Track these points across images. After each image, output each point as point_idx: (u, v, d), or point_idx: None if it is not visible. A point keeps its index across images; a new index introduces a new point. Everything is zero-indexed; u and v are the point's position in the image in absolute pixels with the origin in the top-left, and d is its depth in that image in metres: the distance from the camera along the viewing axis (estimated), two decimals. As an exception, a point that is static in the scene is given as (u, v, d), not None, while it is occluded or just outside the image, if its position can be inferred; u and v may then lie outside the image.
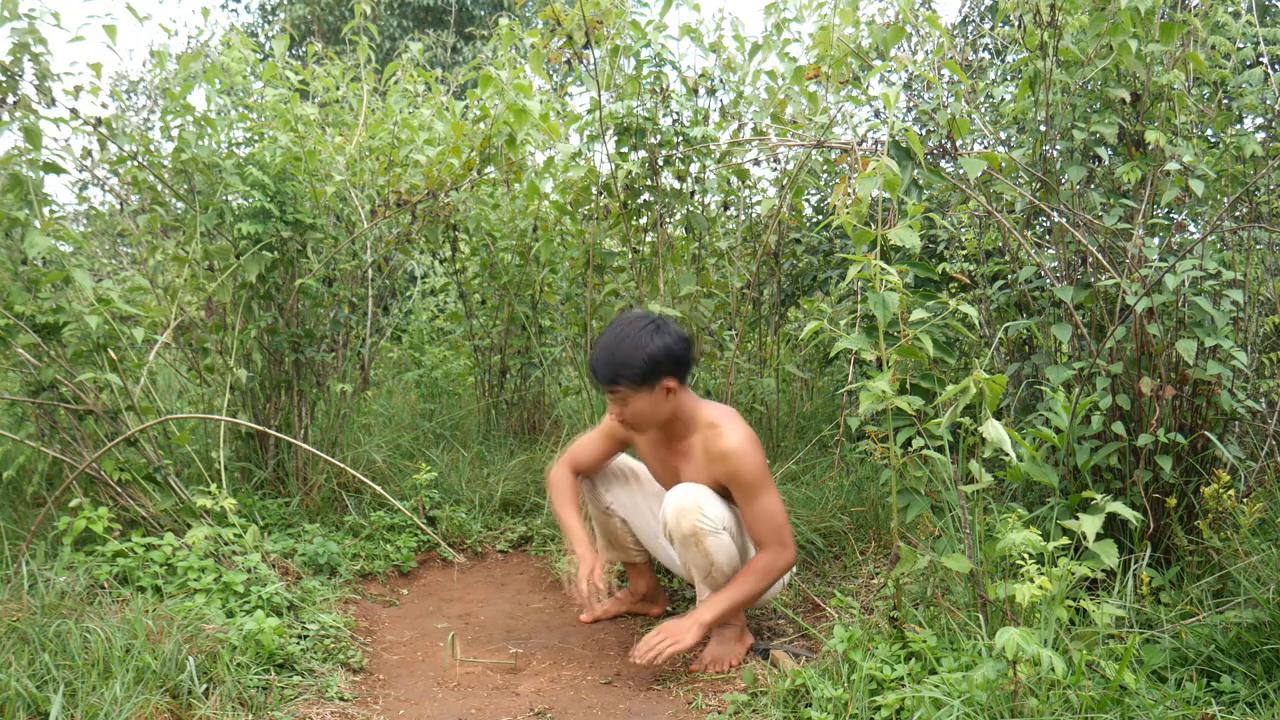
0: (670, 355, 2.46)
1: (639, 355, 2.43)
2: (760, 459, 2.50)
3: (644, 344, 2.44)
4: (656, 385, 2.47)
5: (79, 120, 2.90)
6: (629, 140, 3.49)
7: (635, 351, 2.44)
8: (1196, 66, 2.68)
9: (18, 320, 2.71)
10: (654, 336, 2.45)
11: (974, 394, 1.95)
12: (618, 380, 2.46)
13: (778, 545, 2.48)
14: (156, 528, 2.89)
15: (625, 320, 2.53)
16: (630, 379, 2.45)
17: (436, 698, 2.46)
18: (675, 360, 2.47)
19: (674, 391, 2.50)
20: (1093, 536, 1.91)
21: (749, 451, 2.48)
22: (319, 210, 3.50)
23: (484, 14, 13.33)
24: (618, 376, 2.45)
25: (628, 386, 2.46)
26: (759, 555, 2.50)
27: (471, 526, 3.62)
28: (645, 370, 2.44)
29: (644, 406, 2.49)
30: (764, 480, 2.48)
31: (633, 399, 2.48)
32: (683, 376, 2.52)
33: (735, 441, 2.49)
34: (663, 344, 2.46)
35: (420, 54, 4.05)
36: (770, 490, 2.50)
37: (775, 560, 2.48)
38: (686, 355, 2.51)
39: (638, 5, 3.58)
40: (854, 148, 2.80)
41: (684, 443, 2.62)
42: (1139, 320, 2.52)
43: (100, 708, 1.99)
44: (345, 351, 3.84)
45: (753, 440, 2.52)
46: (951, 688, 1.93)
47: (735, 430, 2.52)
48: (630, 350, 2.44)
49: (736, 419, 2.57)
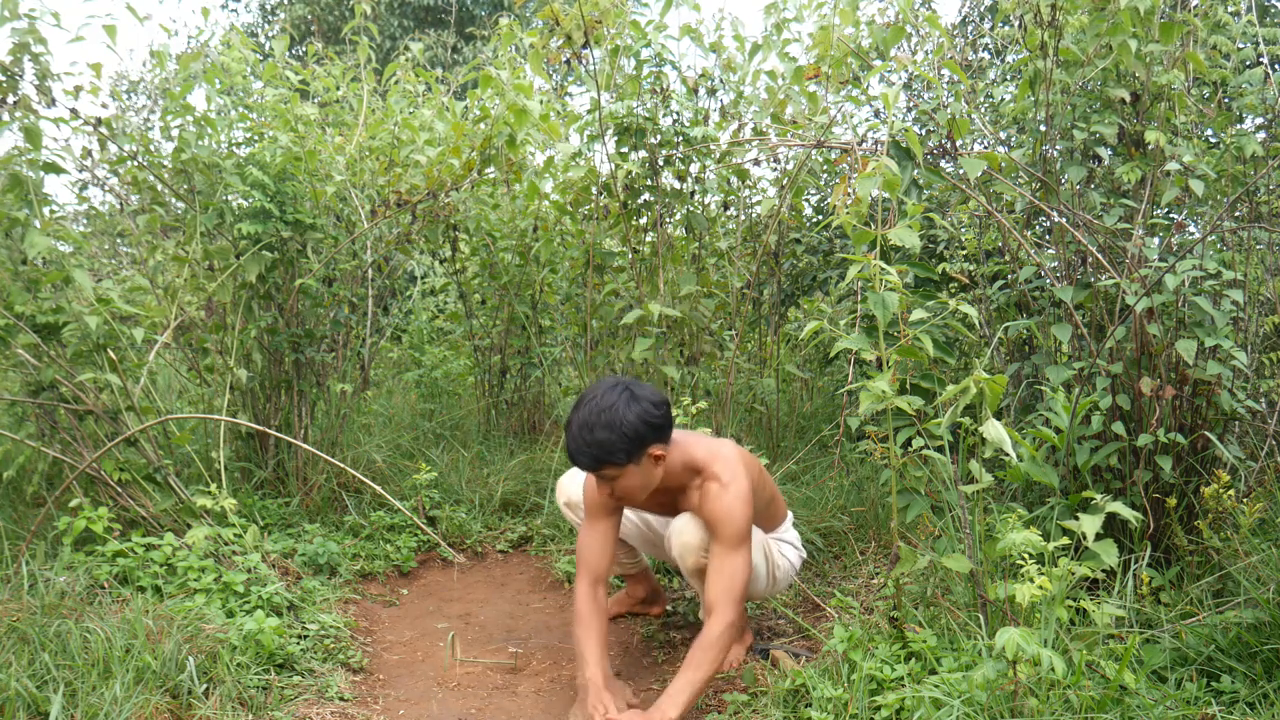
0: (650, 424, 2.28)
1: (618, 433, 2.24)
2: (744, 513, 2.33)
3: (620, 419, 2.25)
4: (643, 458, 2.30)
5: (79, 120, 2.90)
6: (629, 140, 3.49)
7: (613, 430, 2.24)
8: (1196, 66, 2.68)
9: (18, 320, 2.71)
10: (629, 407, 2.26)
11: (974, 394, 1.95)
12: (601, 465, 2.28)
13: (728, 608, 2.26)
14: (156, 528, 2.89)
15: (595, 394, 2.32)
16: (615, 461, 2.27)
17: (436, 698, 2.46)
18: (656, 428, 2.30)
19: (661, 458, 2.34)
20: (1093, 536, 1.91)
21: (732, 504, 2.32)
22: (319, 210, 3.50)
23: (484, 14, 13.33)
24: (600, 461, 2.27)
25: (614, 468, 2.29)
26: (707, 626, 2.27)
27: (471, 526, 3.62)
28: (629, 447, 2.26)
29: (634, 481, 2.33)
30: (742, 536, 2.32)
31: (622, 476, 2.31)
32: (667, 439, 2.35)
33: (721, 498, 2.34)
34: (640, 413, 2.26)
35: (420, 54, 4.05)
36: (743, 552, 2.31)
37: (720, 626, 2.25)
38: (666, 418, 2.33)
39: (638, 5, 3.58)
40: (854, 148, 2.81)
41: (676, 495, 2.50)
42: (1139, 320, 2.52)
43: (100, 708, 1.99)
44: (345, 351, 3.84)
45: (743, 495, 2.34)
46: (951, 688, 1.93)
47: (732, 482, 2.35)
48: (608, 430, 2.24)
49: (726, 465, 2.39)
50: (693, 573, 2.47)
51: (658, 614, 2.96)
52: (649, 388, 2.34)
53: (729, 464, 2.38)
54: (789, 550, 2.69)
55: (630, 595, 3.00)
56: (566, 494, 2.80)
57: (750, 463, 2.49)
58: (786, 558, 2.66)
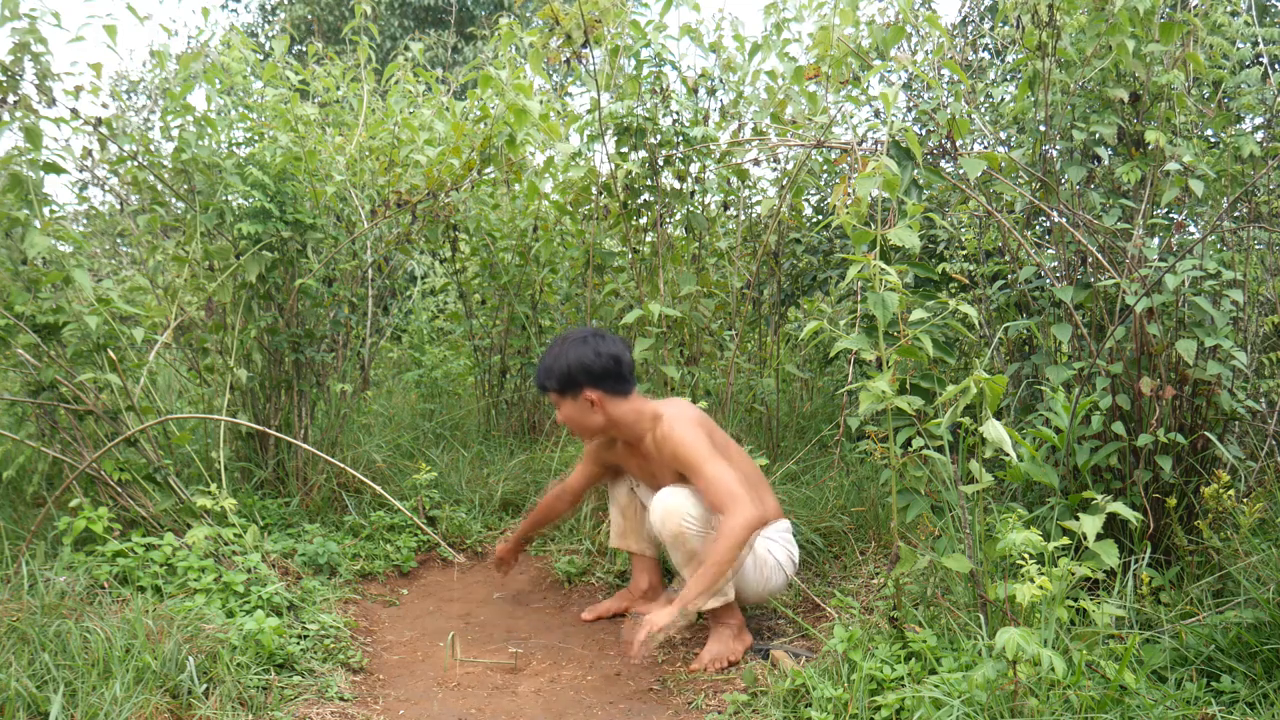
0: (584, 368, 2.57)
1: (558, 366, 2.59)
2: (696, 435, 2.52)
3: (564, 356, 2.58)
4: (579, 396, 2.60)
5: (79, 120, 2.90)
6: (629, 140, 3.49)
7: (555, 362, 2.60)
8: (1196, 66, 2.68)
9: (18, 320, 2.71)
10: (576, 349, 2.58)
11: (974, 394, 1.95)
12: (544, 387, 2.65)
13: (733, 505, 2.42)
14: (156, 528, 2.89)
15: (570, 332, 2.67)
16: (552, 388, 2.62)
17: (436, 698, 2.46)
18: (589, 374, 2.57)
19: (598, 404, 2.61)
20: (1093, 536, 1.91)
21: (684, 431, 2.53)
22: (319, 210, 3.50)
23: (484, 14, 13.33)
24: (542, 384, 2.65)
25: (554, 394, 2.63)
26: (723, 521, 2.45)
27: (471, 526, 3.62)
28: (562, 381, 2.59)
29: (571, 414, 2.64)
30: (702, 454, 2.50)
31: (561, 406, 2.65)
32: (608, 389, 2.60)
33: (670, 428, 2.57)
34: (578, 357, 2.57)
35: (421, 54, 4.05)
36: (710, 463, 2.49)
37: (734, 519, 2.41)
38: (605, 370, 2.57)
39: (638, 5, 3.58)
40: (854, 148, 2.81)
41: (642, 445, 2.70)
42: (1139, 320, 2.52)
43: (100, 708, 1.99)
44: (345, 351, 3.84)
45: (689, 420, 2.57)
46: (951, 688, 1.93)
47: (673, 417, 2.59)
48: (553, 361, 2.61)
49: (678, 405, 2.66)
50: (675, 539, 2.56)
51: (658, 614, 2.97)
52: (613, 342, 2.61)
53: (679, 406, 2.67)
54: (776, 547, 2.68)
55: (632, 589, 3.01)
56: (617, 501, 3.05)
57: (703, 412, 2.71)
58: (774, 555, 2.67)
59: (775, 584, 2.69)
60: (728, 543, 2.41)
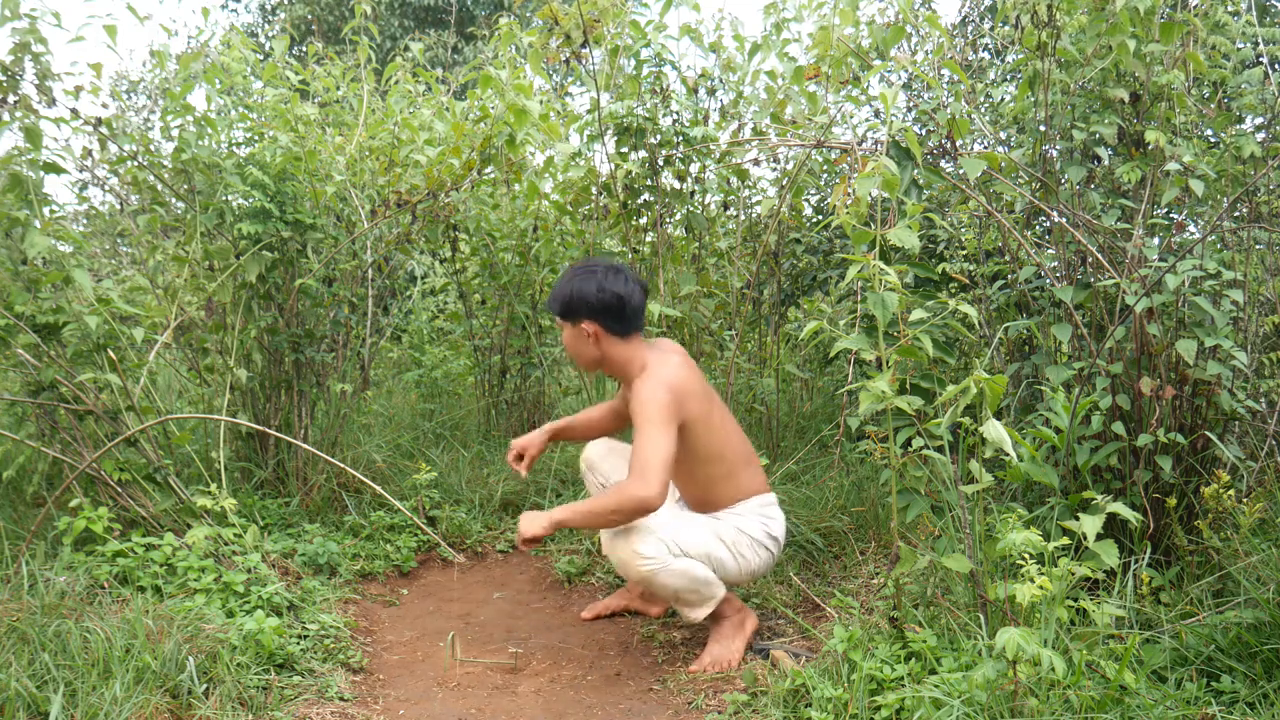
0: (584, 300, 2.57)
1: (563, 292, 2.61)
2: (656, 396, 2.47)
3: (571, 283, 2.59)
4: (577, 324, 2.61)
5: (79, 120, 2.90)
6: (629, 140, 3.49)
7: (562, 288, 2.61)
8: (1196, 66, 2.68)
9: (18, 320, 2.71)
10: (583, 280, 2.58)
11: (974, 394, 1.95)
12: (550, 310, 2.67)
13: (639, 478, 2.39)
14: (156, 528, 2.89)
15: (590, 261, 2.68)
16: (555, 311, 2.64)
17: (436, 698, 2.46)
18: (589, 307, 2.57)
19: (595, 337, 2.60)
20: (1093, 536, 1.91)
21: (647, 390, 2.49)
22: (319, 210, 3.50)
23: (484, 14, 13.33)
24: (550, 306, 2.66)
25: (558, 318, 2.65)
26: (624, 482, 2.43)
27: (471, 526, 3.62)
28: (564, 307, 2.61)
29: (569, 340, 2.66)
30: (652, 417, 2.44)
31: (563, 331, 2.66)
32: (606, 325, 2.58)
33: (640, 383, 2.54)
34: (582, 288, 2.57)
35: (420, 54, 4.05)
36: (653, 429, 2.43)
37: (630, 489, 2.38)
38: (605, 306, 2.56)
39: (638, 5, 3.58)
40: (854, 148, 2.81)
41: (630, 390, 2.66)
42: (1139, 320, 2.52)
43: (100, 708, 1.99)
44: (345, 351, 3.84)
45: (659, 380, 2.51)
46: (951, 688, 1.93)
47: (649, 374, 2.55)
48: (562, 286, 2.62)
49: (664, 358, 2.61)
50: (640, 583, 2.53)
51: (657, 614, 2.96)
52: (623, 282, 2.59)
53: (664, 360, 2.61)
54: (751, 523, 2.64)
55: (631, 587, 3.00)
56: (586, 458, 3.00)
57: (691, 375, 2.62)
58: (747, 533, 2.62)
59: (756, 565, 2.64)
60: (613, 502, 2.40)
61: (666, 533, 2.50)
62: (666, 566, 2.48)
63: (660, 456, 2.40)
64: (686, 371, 2.60)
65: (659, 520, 2.51)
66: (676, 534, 2.51)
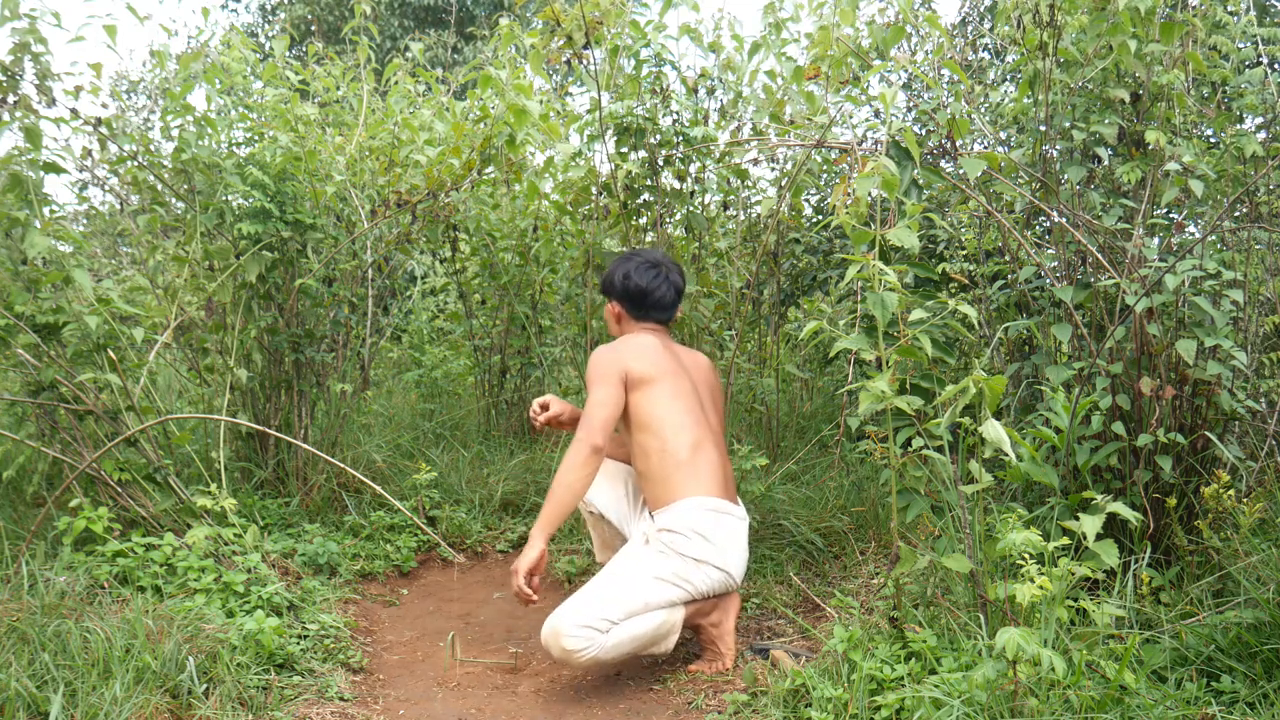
0: (612, 281, 2.79)
1: (609, 270, 2.82)
2: (601, 359, 2.61)
3: (615, 265, 2.81)
4: (610, 301, 2.83)
5: (79, 120, 2.90)
6: (629, 140, 3.49)
7: (609, 267, 2.84)
8: (1196, 66, 2.68)
9: (18, 320, 2.71)
10: (623, 263, 2.79)
11: (974, 394, 1.95)
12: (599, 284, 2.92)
13: (583, 428, 2.53)
14: (156, 528, 2.89)
15: (644, 251, 2.87)
16: (601, 285, 2.87)
17: (437, 698, 2.46)
18: (621, 288, 2.77)
19: (617, 317, 2.82)
20: (1093, 536, 1.91)
21: (597, 355, 2.63)
22: (319, 210, 3.50)
23: (484, 14, 13.33)
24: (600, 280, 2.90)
25: (601, 291, 2.87)
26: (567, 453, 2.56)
27: (471, 526, 3.62)
28: (603, 284, 2.84)
29: (607, 314, 2.87)
30: (595, 379, 2.59)
31: (606, 305, 2.86)
32: (626, 308, 2.79)
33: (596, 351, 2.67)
34: (622, 270, 2.77)
35: (420, 54, 4.05)
36: (594, 388, 2.58)
37: (573, 454, 2.51)
38: (625, 291, 2.76)
39: (637, 5, 3.58)
40: (853, 148, 2.81)
41: None
42: (1139, 320, 2.52)
43: (100, 708, 1.99)
44: (345, 351, 3.84)
45: (609, 347, 2.65)
46: (951, 688, 1.93)
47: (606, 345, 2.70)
48: (609, 265, 2.85)
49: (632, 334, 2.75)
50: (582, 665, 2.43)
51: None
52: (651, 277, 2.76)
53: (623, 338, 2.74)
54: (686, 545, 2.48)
55: None
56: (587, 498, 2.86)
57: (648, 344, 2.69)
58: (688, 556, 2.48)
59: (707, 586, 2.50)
60: (562, 477, 2.52)
61: (590, 612, 2.37)
62: (603, 645, 2.38)
63: (600, 412, 2.55)
64: (648, 340, 2.71)
65: (580, 600, 2.40)
66: (602, 607, 2.39)
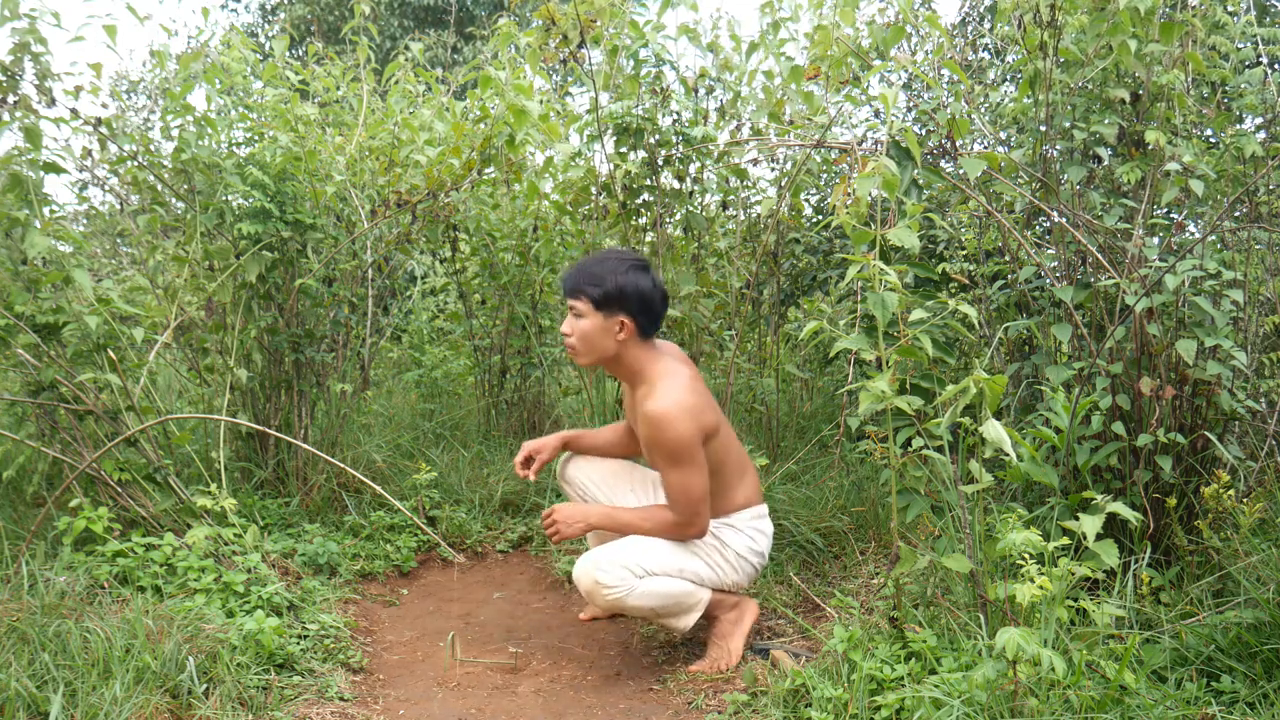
0: (638, 294, 2.45)
1: (610, 278, 2.44)
2: (683, 430, 2.36)
3: (619, 272, 2.45)
4: (612, 316, 2.46)
5: (79, 120, 2.90)
6: (628, 140, 3.49)
7: (608, 274, 2.45)
8: (1196, 66, 2.68)
9: (18, 320, 2.71)
10: (632, 272, 2.46)
11: (974, 394, 1.95)
12: (580, 291, 2.46)
13: (686, 518, 2.44)
14: (156, 528, 2.89)
15: (619, 250, 2.60)
16: (591, 295, 2.45)
17: (437, 698, 2.46)
18: (639, 301, 2.46)
19: (625, 331, 2.47)
20: (1093, 536, 1.91)
21: (671, 420, 2.36)
22: (319, 210, 3.50)
23: (484, 14, 13.34)
24: (581, 287, 2.46)
25: (587, 302, 2.46)
26: (668, 512, 2.46)
27: (471, 526, 3.62)
28: (608, 294, 2.44)
29: (592, 330, 2.47)
30: (683, 454, 2.37)
31: (587, 316, 2.47)
32: (640, 324, 2.48)
33: (659, 407, 2.38)
34: (635, 281, 2.45)
35: (420, 54, 4.05)
36: (689, 466, 2.39)
37: (677, 527, 2.46)
38: (653, 306, 2.48)
39: (636, 5, 3.58)
40: (853, 148, 2.81)
41: (634, 393, 2.58)
42: (1139, 320, 2.52)
43: (100, 708, 1.99)
44: (345, 351, 3.84)
45: (682, 408, 2.38)
46: (951, 688, 1.93)
47: (666, 394, 2.40)
48: (605, 271, 2.46)
49: (675, 380, 2.45)
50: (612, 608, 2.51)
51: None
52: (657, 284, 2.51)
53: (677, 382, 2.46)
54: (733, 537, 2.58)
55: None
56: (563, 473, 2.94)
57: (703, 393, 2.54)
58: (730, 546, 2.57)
59: (736, 577, 2.60)
60: (656, 530, 2.46)
61: (630, 555, 2.43)
62: (633, 590, 2.42)
63: (701, 491, 2.43)
64: (699, 388, 2.52)
65: (621, 544, 2.47)
66: (642, 554, 2.45)
